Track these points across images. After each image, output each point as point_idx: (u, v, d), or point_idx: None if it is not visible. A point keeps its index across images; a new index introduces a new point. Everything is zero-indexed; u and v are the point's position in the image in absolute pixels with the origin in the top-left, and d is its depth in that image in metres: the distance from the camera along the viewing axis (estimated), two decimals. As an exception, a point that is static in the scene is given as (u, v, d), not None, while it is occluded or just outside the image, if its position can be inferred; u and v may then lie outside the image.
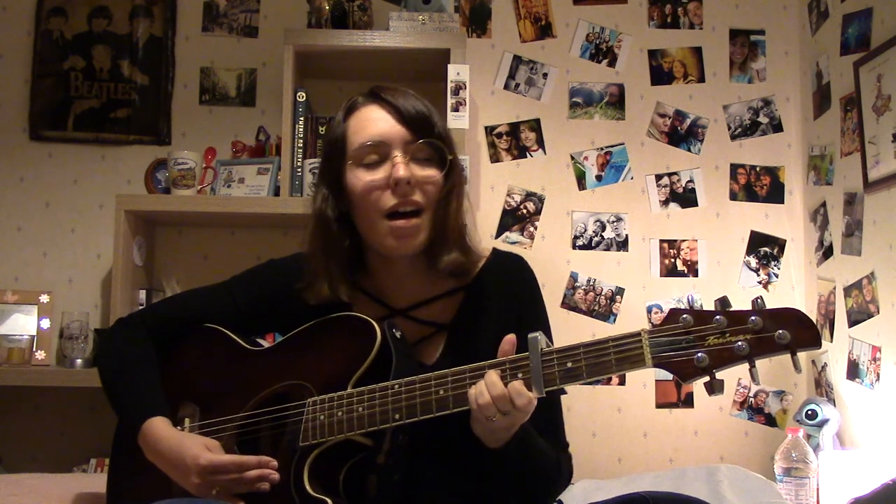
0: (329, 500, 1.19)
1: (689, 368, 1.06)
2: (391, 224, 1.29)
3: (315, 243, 1.35)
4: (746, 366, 1.06)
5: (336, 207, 1.34)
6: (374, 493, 1.24)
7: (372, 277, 1.39)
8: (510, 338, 1.18)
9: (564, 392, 1.20)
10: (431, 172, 1.31)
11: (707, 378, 1.06)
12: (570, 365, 1.12)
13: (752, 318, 1.04)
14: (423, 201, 1.30)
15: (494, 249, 1.44)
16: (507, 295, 1.38)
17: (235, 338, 1.41)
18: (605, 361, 1.10)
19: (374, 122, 1.31)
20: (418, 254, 1.34)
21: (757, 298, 1.05)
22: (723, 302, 1.07)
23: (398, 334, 1.27)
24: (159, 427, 1.30)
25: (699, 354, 1.05)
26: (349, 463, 1.25)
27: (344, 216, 1.35)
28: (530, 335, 1.15)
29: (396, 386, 1.20)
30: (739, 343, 1.03)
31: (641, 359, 1.08)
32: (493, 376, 1.14)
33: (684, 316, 1.07)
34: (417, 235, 1.30)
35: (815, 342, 1.03)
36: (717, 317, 1.06)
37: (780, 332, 1.02)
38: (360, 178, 1.30)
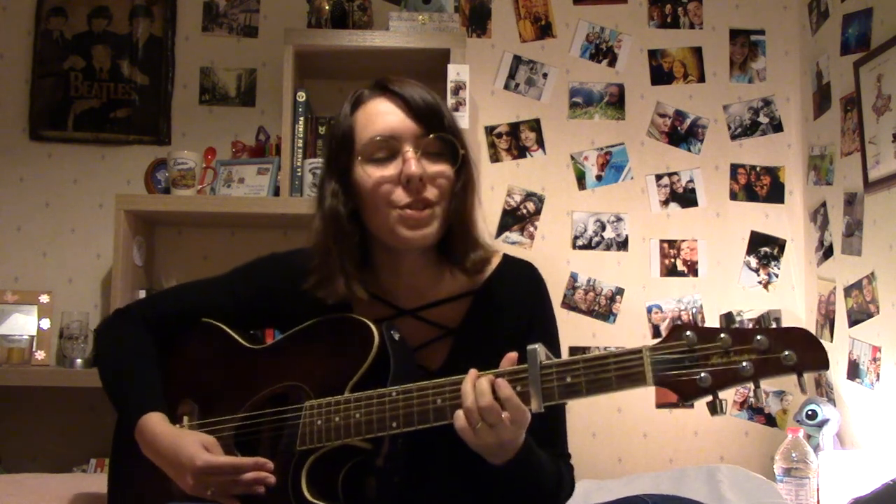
0: None
1: (691, 388, 1.03)
2: (402, 213, 1.25)
3: (328, 241, 1.30)
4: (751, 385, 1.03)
5: (347, 203, 1.30)
6: (373, 496, 1.24)
7: (378, 277, 1.36)
8: (511, 356, 1.16)
9: (564, 402, 1.18)
10: (443, 167, 1.28)
11: (710, 398, 1.03)
12: (569, 380, 1.09)
13: (758, 337, 1.01)
14: (436, 197, 1.27)
15: (505, 255, 1.41)
16: (518, 303, 1.36)
17: (234, 335, 1.40)
18: (604, 378, 1.08)
19: (383, 115, 1.27)
20: (428, 252, 1.32)
21: (762, 317, 1.03)
22: (728, 318, 1.06)
23: (396, 336, 1.26)
24: (156, 423, 1.29)
25: (702, 374, 1.02)
26: (347, 465, 1.24)
27: (352, 213, 1.31)
28: (529, 347, 1.12)
29: (394, 393, 1.18)
30: (744, 364, 1.01)
31: (642, 377, 1.05)
32: (483, 384, 1.11)
33: (688, 333, 1.04)
34: (429, 224, 1.27)
35: (822, 364, 0.99)
36: (722, 335, 1.03)
37: (787, 352, 0.99)
38: (371, 174, 1.26)
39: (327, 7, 2.46)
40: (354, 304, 1.33)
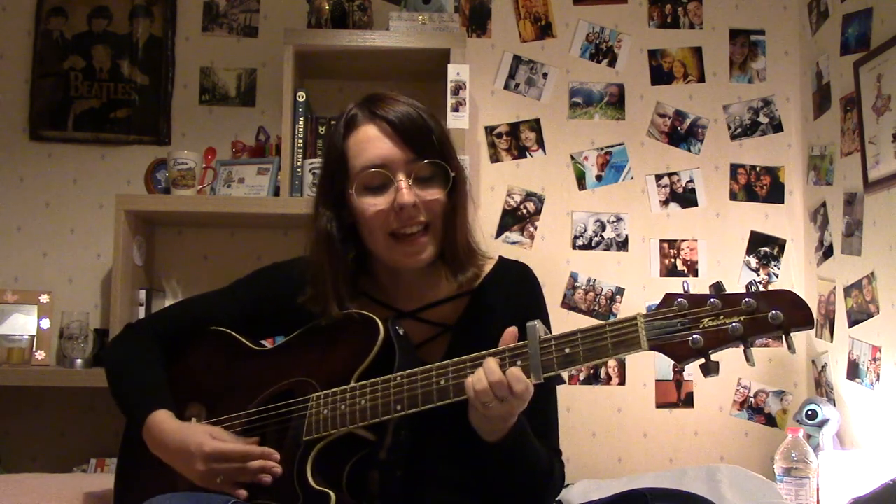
0: (332, 494, 1.19)
1: (684, 350, 1.07)
2: (397, 242, 1.30)
3: (321, 262, 1.34)
4: (741, 348, 1.07)
5: (341, 226, 1.34)
6: (377, 489, 1.26)
7: (376, 281, 1.41)
8: (511, 330, 1.19)
9: (562, 381, 1.22)
10: (435, 192, 1.31)
11: (702, 360, 1.07)
12: (567, 351, 1.13)
13: (746, 299, 1.05)
14: (428, 219, 1.31)
15: (501, 258, 1.46)
16: (513, 301, 1.40)
17: (241, 339, 1.43)
18: (601, 346, 1.12)
19: (373, 143, 1.30)
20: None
21: (751, 282, 1.07)
22: (717, 286, 1.09)
23: (401, 331, 1.29)
24: (163, 420, 1.32)
25: (694, 336, 1.06)
26: (353, 459, 1.26)
27: (348, 227, 1.36)
28: (528, 323, 1.16)
29: (399, 378, 1.21)
30: (734, 324, 1.05)
31: (637, 342, 1.09)
32: (491, 363, 1.16)
33: (679, 299, 1.10)
34: (425, 251, 1.32)
35: (807, 322, 1.03)
36: (712, 299, 1.08)
37: (774, 312, 1.03)
38: (366, 203, 1.30)
39: (327, 7, 2.46)
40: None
